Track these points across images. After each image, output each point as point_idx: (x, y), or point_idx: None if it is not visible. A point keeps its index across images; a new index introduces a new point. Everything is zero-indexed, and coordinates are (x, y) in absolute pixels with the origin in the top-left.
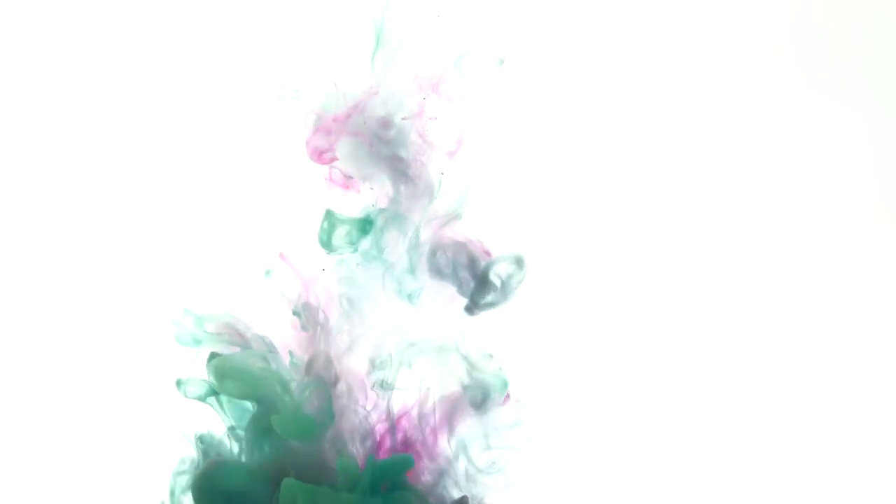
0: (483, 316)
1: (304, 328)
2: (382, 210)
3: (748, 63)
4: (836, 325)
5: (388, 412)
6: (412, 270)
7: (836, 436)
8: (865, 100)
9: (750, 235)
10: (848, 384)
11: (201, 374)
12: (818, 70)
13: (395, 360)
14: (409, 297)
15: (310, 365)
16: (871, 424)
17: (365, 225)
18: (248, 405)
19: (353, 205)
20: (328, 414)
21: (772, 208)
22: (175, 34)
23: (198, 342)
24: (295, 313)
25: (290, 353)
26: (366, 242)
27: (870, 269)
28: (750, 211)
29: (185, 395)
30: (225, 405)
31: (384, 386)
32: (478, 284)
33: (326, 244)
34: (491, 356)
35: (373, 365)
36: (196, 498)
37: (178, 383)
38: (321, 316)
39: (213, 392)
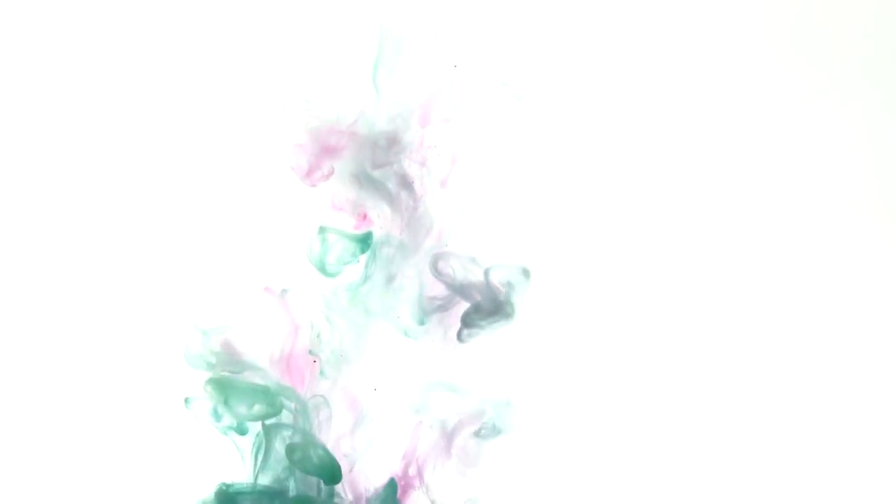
0: (481, 345)
1: (323, 375)
2: (381, 239)
3: (748, 65)
4: (836, 325)
5: (364, 489)
6: (413, 303)
7: (836, 436)
8: (865, 100)
9: (751, 238)
10: (848, 384)
11: (209, 393)
12: (818, 70)
13: (374, 421)
14: (406, 332)
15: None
16: (872, 424)
17: (365, 240)
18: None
19: (349, 222)
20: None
21: (772, 211)
22: (173, 53)
23: (210, 366)
24: (311, 353)
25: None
26: (361, 264)
27: (870, 269)
28: (750, 214)
29: (196, 416)
30: (241, 442)
31: (352, 463)
32: (483, 295)
33: (320, 266)
34: (509, 403)
35: (356, 423)
36: None
37: (187, 402)
38: (341, 356)
39: (238, 430)
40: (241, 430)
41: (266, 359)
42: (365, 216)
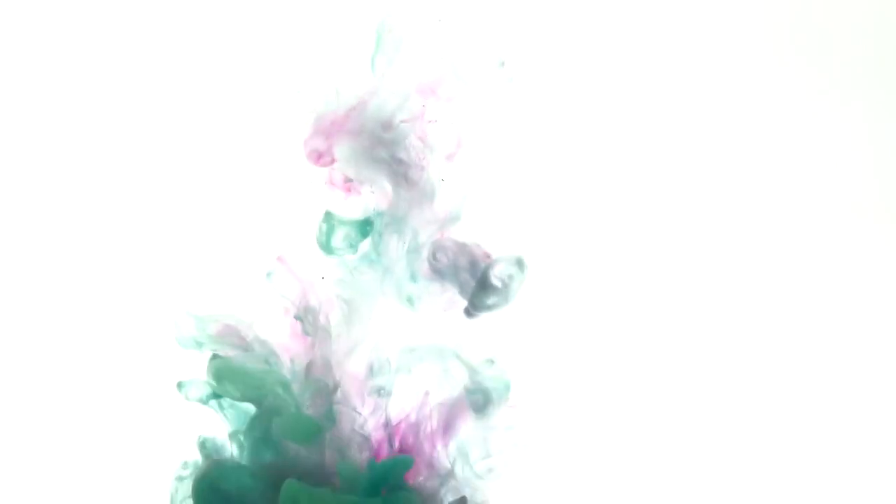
0: (483, 319)
1: (305, 333)
2: (382, 213)
3: (748, 63)
4: (836, 325)
5: (386, 419)
6: (412, 274)
7: (836, 436)
8: (865, 99)
9: (750, 235)
10: (848, 384)
11: (203, 377)
12: (818, 69)
13: (393, 366)
14: (409, 300)
15: (309, 369)
16: (872, 424)
17: (365, 227)
18: (250, 407)
19: (353, 207)
20: (329, 418)
21: (772, 209)
22: (175, 37)
23: (199, 345)
24: (297, 317)
25: (291, 360)
26: (365, 245)
27: (870, 268)
28: (750, 210)
29: (187, 398)
30: (227, 408)
31: (381, 393)
32: (478, 286)
33: (325, 246)
34: (492, 361)
35: (371, 370)
36: (196, 499)
37: (180, 386)
38: (323, 320)
39: (215, 395)
40: (217, 395)
41: (264, 342)
42: (350, 189)
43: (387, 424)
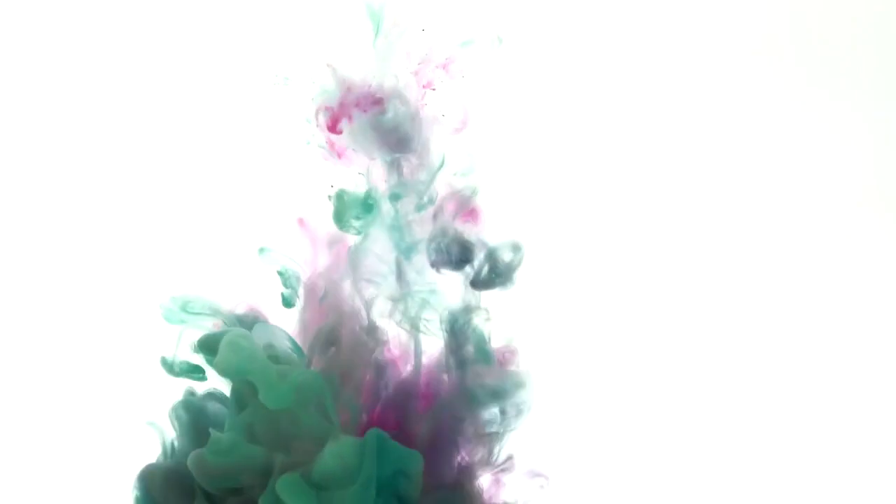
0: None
1: (284, 286)
2: (388, 187)
3: (752, 47)
4: (837, 323)
5: (416, 353)
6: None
7: (836, 435)
8: (865, 97)
9: (748, 225)
10: (848, 382)
11: (186, 354)
12: (818, 67)
13: (415, 300)
14: (409, 255)
15: (319, 331)
16: (872, 423)
17: (368, 202)
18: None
19: (360, 183)
20: (316, 382)
21: (770, 196)
22: (177, 16)
23: (184, 321)
24: (279, 273)
25: (283, 295)
26: (375, 217)
27: (870, 267)
28: (748, 199)
29: (171, 373)
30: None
31: (414, 325)
32: (475, 274)
33: (339, 219)
34: (488, 311)
35: (394, 305)
36: (198, 478)
37: (164, 362)
38: (304, 279)
39: (200, 369)
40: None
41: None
42: (343, 155)
43: (416, 356)
